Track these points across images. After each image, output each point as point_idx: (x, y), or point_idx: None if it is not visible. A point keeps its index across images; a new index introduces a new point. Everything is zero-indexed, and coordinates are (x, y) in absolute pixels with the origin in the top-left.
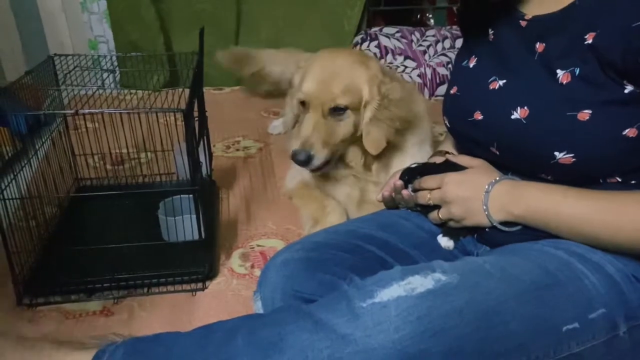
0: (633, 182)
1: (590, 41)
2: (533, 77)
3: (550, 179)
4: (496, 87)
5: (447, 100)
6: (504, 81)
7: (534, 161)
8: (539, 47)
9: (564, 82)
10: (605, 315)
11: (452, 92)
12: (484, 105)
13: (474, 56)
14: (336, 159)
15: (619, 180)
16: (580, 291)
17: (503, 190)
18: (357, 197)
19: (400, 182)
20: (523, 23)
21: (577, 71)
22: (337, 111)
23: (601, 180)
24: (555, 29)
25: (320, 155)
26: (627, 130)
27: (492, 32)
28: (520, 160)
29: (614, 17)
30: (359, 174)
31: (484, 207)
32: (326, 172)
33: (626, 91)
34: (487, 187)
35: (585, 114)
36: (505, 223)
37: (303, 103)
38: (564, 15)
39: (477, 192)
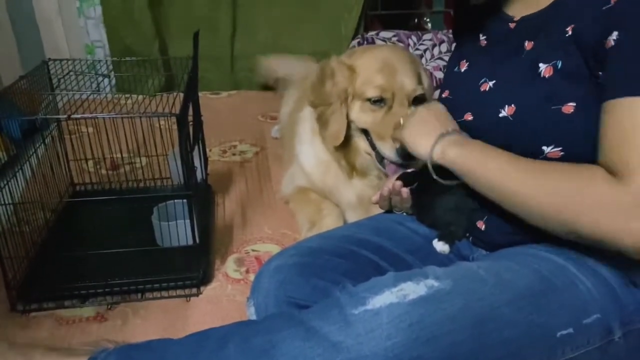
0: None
1: (570, 33)
2: (519, 75)
3: None
4: (487, 89)
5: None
6: (494, 82)
7: (524, 156)
8: (528, 45)
9: (547, 76)
10: (600, 320)
11: (444, 95)
12: (474, 107)
13: (465, 61)
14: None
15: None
16: (575, 296)
17: (453, 139)
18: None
19: (399, 183)
20: (512, 25)
21: (560, 64)
22: (419, 101)
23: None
24: (542, 27)
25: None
26: None
27: (484, 37)
28: None
29: (590, 8)
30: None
31: (433, 143)
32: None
33: (600, 80)
34: (445, 131)
35: (569, 107)
36: (440, 171)
37: (378, 100)
38: (549, 12)
39: (437, 128)
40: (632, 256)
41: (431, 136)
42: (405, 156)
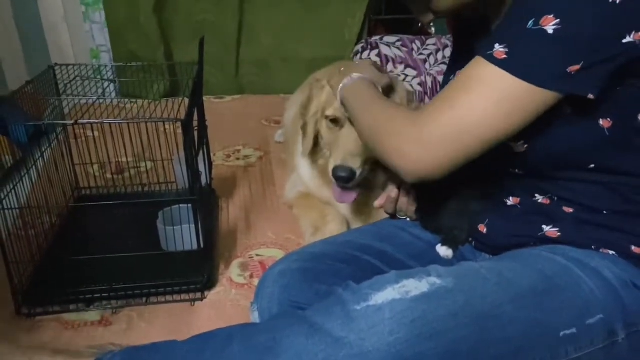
0: (592, 166)
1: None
2: None
3: (520, 172)
4: None
5: None
6: None
7: (499, 155)
8: None
9: None
10: (603, 321)
11: None
12: None
13: (458, 70)
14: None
15: (593, 166)
16: (578, 296)
17: (353, 82)
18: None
19: (396, 192)
20: None
21: None
22: None
23: (578, 168)
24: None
25: (361, 171)
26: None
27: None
28: (489, 155)
29: None
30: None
31: (341, 85)
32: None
33: None
34: (354, 76)
35: None
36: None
37: (335, 120)
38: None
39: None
40: (403, 176)
41: (342, 77)
42: (341, 177)
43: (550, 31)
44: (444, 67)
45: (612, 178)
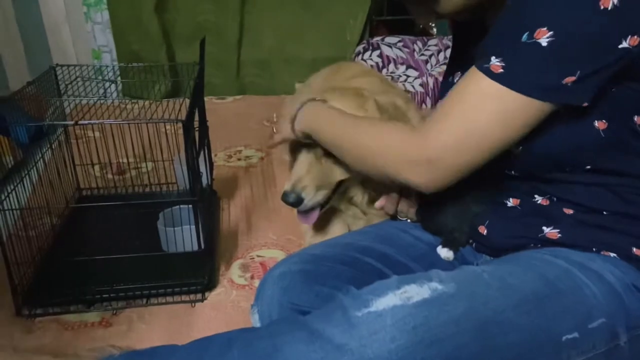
0: (588, 167)
1: None
2: None
3: (515, 174)
4: None
5: None
6: None
7: (496, 157)
8: None
9: None
10: (605, 324)
11: (437, 106)
12: None
13: (458, 72)
14: (335, 197)
15: (589, 167)
16: (580, 300)
17: (307, 108)
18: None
19: (395, 194)
20: None
21: None
22: None
23: (575, 169)
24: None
25: (312, 199)
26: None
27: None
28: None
29: None
30: (365, 209)
31: (292, 117)
32: (327, 208)
33: None
34: (304, 101)
35: None
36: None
37: (295, 142)
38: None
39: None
40: (420, 190)
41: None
42: (288, 203)
43: (544, 44)
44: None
45: (609, 179)
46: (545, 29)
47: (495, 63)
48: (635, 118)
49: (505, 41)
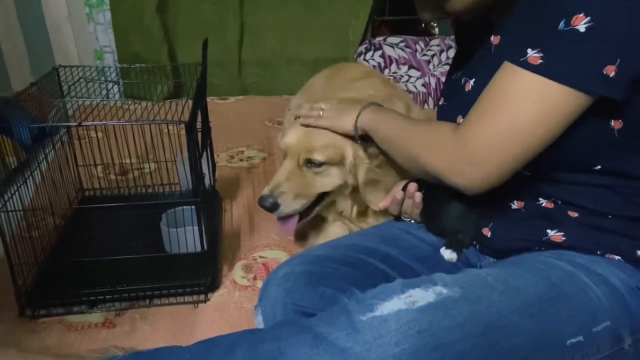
0: (598, 167)
1: None
2: (493, 71)
3: (527, 173)
4: (469, 88)
5: (437, 113)
6: (473, 80)
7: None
8: (494, 39)
9: None
10: (610, 328)
11: (440, 103)
12: (463, 109)
13: (461, 70)
14: (321, 209)
15: (599, 167)
16: (584, 304)
17: (369, 109)
18: None
19: (402, 194)
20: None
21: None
22: (313, 164)
23: (583, 169)
24: (512, 25)
25: (289, 206)
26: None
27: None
28: None
29: None
30: (354, 221)
31: (356, 115)
32: (308, 219)
33: None
34: (365, 105)
35: None
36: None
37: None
38: (518, 9)
39: (352, 107)
40: (464, 192)
41: (352, 111)
42: (263, 206)
43: (583, 29)
44: (448, 68)
45: (617, 181)
46: (582, 15)
47: (533, 55)
48: None
49: (540, 32)
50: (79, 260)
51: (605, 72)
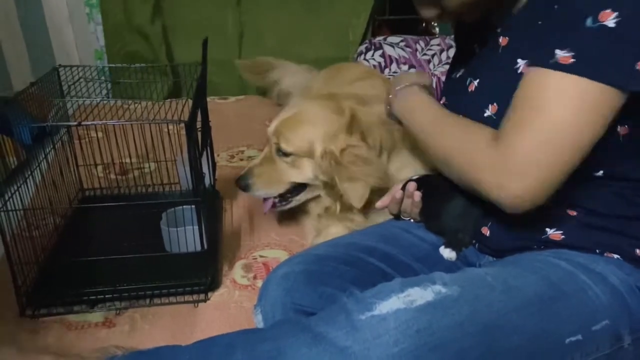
0: (600, 172)
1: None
2: (499, 73)
3: None
4: (473, 89)
5: None
6: (477, 80)
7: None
8: (502, 41)
9: (521, 71)
10: (609, 327)
11: (441, 102)
12: (465, 108)
13: (462, 69)
14: (302, 198)
15: (602, 173)
16: (583, 303)
17: (407, 95)
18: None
19: (401, 193)
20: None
21: None
22: (282, 153)
23: (584, 174)
24: (521, 25)
25: (260, 189)
26: None
27: (477, 47)
28: None
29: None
30: (339, 217)
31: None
32: (287, 207)
33: None
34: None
35: None
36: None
37: None
38: (523, 12)
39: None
40: (505, 209)
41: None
42: (238, 184)
43: (612, 25)
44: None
45: (617, 182)
46: (609, 10)
47: (563, 55)
48: None
49: (566, 31)
50: (79, 259)
51: (637, 67)
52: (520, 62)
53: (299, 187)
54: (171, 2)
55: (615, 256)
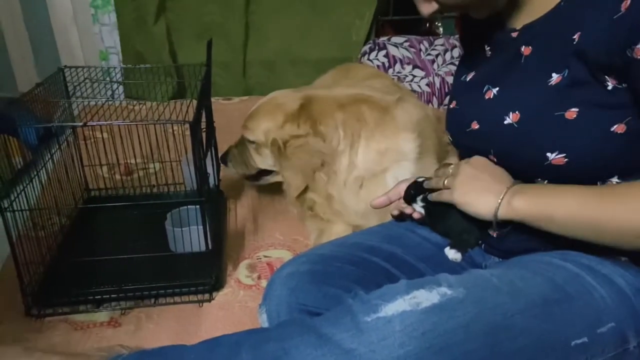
0: (615, 178)
1: (577, 40)
2: (522, 81)
3: (543, 182)
4: (491, 96)
5: (447, 115)
6: (497, 89)
7: (529, 165)
8: (525, 50)
9: (552, 83)
10: (614, 329)
11: (451, 106)
12: (480, 115)
13: (472, 71)
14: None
15: (618, 181)
16: (589, 305)
17: (513, 189)
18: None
19: (396, 197)
20: (514, 34)
21: (565, 71)
22: (248, 141)
23: (599, 183)
24: (543, 33)
25: (234, 167)
26: (615, 127)
27: (489, 48)
28: (517, 165)
29: (597, 12)
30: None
31: (499, 200)
32: (257, 184)
33: (609, 87)
34: (510, 184)
35: (572, 112)
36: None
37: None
38: (549, 19)
39: (492, 182)
40: None
41: (491, 192)
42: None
43: None
44: (452, 68)
45: (624, 178)
46: None
47: None
48: None
49: None
50: (84, 259)
51: None
52: (555, 76)
53: (268, 171)
54: (178, 3)
55: (623, 258)
